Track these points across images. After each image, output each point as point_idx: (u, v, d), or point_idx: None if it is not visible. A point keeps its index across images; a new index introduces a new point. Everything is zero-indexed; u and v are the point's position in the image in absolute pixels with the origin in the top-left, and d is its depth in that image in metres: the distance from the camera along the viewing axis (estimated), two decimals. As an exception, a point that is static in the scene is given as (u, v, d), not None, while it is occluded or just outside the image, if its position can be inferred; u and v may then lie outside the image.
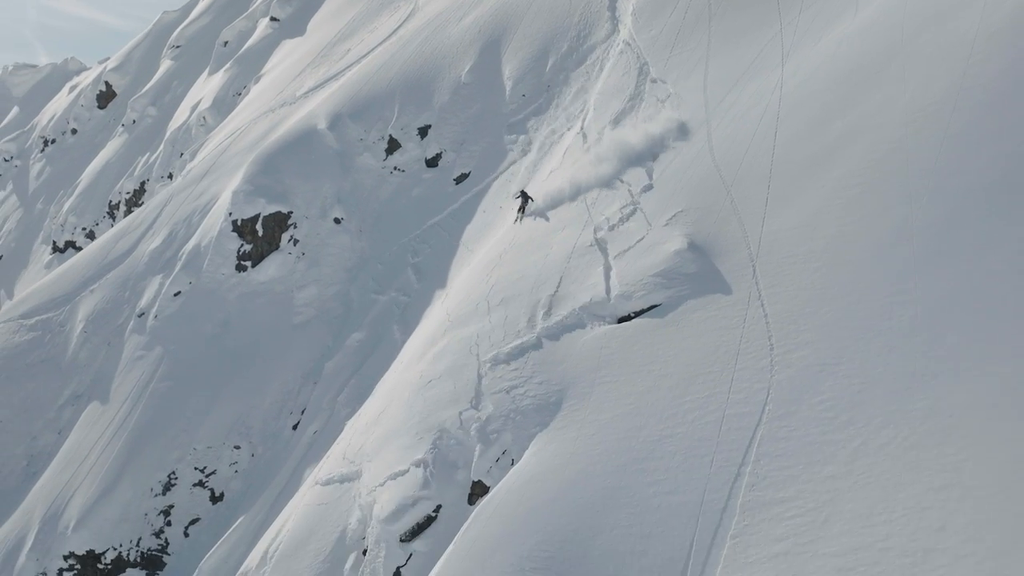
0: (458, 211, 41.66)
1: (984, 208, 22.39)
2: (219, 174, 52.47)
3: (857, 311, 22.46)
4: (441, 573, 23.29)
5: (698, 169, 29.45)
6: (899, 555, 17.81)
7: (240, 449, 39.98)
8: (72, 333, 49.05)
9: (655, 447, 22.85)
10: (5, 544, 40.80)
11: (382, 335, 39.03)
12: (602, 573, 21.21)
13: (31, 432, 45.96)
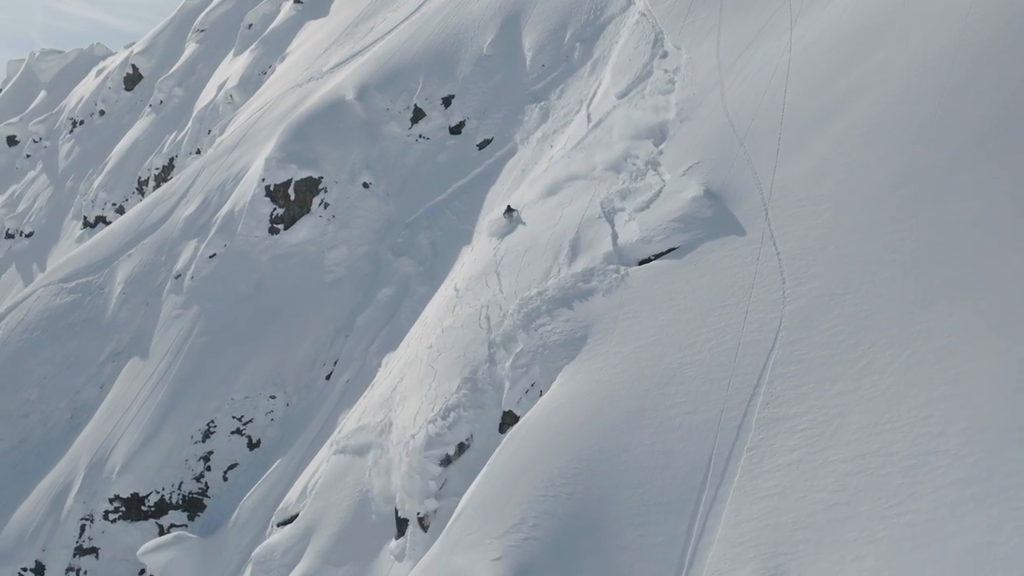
0: (482, 174, 42.95)
1: (981, 151, 23.56)
2: (250, 145, 53.69)
3: (863, 246, 23.65)
4: (476, 493, 24.47)
5: (712, 126, 30.62)
6: (902, 458, 18.99)
7: (275, 399, 41.24)
8: (111, 295, 50.31)
9: (675, 373, 24.05)
10: (52, 489, 42.13)
11: (410, 290, 40.29)
12: (627, 485, 22.39)
13: (74, 387, 47.27)
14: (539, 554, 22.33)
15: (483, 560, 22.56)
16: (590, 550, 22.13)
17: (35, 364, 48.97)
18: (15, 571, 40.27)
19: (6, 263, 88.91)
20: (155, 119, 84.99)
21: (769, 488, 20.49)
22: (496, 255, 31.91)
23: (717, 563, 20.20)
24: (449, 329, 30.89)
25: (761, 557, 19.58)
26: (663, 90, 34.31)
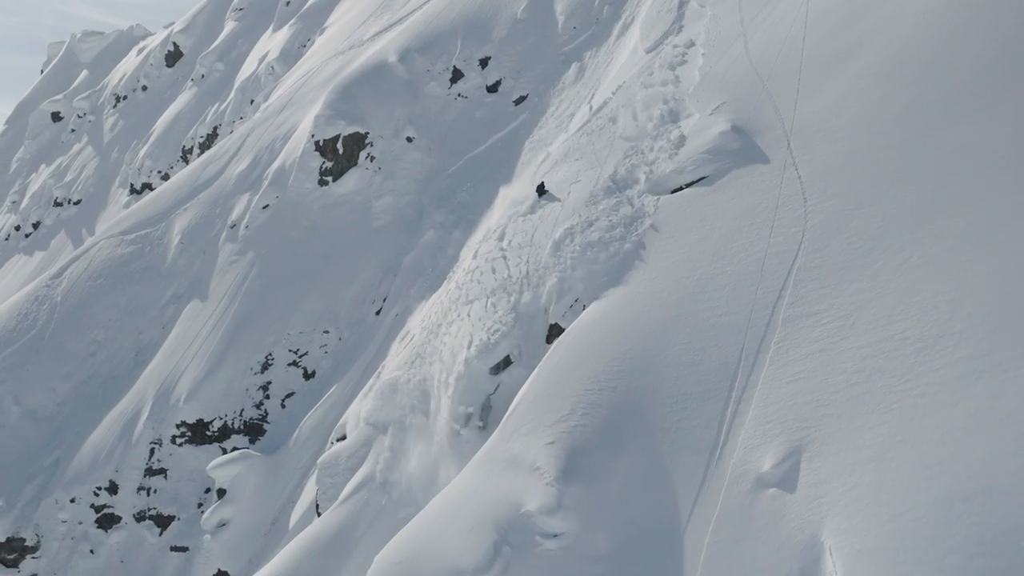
0: (519, 127, 44.69)
1: (979, 87, 25.33)
2: (296, 107, 55.44)
3: (875, 169, 25.44)
4: (528, 391, 26.33)
5: (736, 71, 32.34)
6: (914, 342, 20.85)
7: (329, 333, 43.07)
8: (170, 245, 52.13)
9: (708, 283, 25.89)
10: (122, 417, 44.06)
11: (452, 233, 42.11)
12: (666, 379, 24.26)
13: (138, 328, 49.13)
14: (588, 438, 24.22)
15: (538, 445, 24.43)
16: (634, 433, 23.99)
17: (100, 309, 50.85)
18: (91, 489, 42.24)
19: (55, 229, 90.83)
20: (197, 92, 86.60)
21: (794, 374, 22.34)
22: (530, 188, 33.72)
23: (749, 439, 22.05)
24: (495, 260, 32.72)
25: (788, 432, 21.45)
26: (689, 43, 35.97)
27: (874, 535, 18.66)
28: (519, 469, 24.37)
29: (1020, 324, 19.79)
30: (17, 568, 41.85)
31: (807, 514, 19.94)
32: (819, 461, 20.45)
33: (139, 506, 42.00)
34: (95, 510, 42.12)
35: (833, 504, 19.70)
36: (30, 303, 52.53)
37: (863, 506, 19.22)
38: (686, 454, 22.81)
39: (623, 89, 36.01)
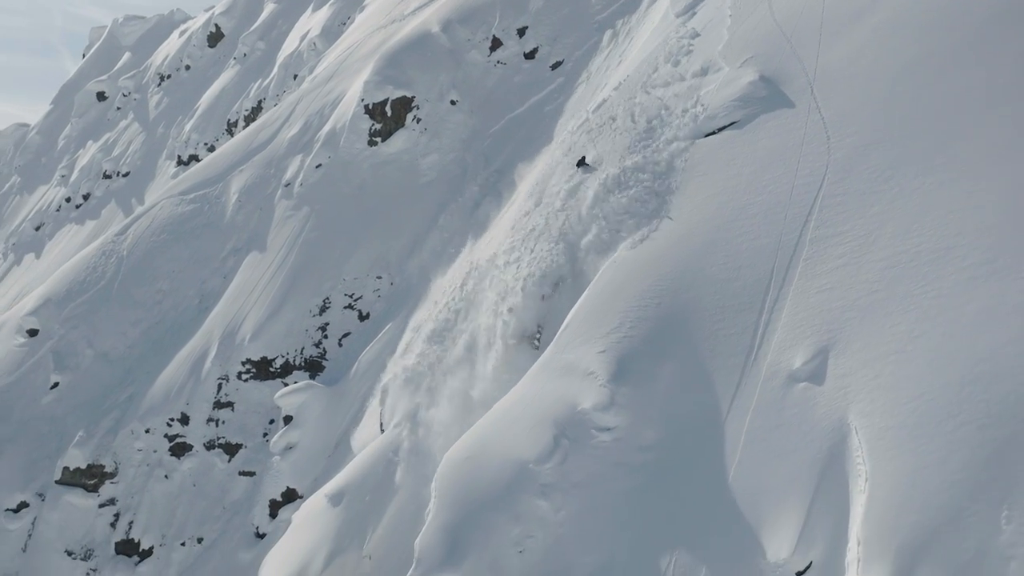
0: (556, 89, 46.65)
1: (984, 35, 27.31)
2: (343, 76, 57.35)
3: (891, 109, 27.34)
4: (579, 310, 28.32)
5: (762, 30, 34.14)
6: (928, 253, 22.86)
7: (381, 279, 45.04)
8: (228, 203, 54.11)
9: (741, 211, 27.84)
10: (191, 356, 46.17)
11: (496, 184, 44.11)
12: (706, 294, 26.24)
13: (200, 278, 51.16)
14: (636, 347, 26.26)
15: (591, 354, 26.49)
16: (677, 342, 26.01)
17: (163, 261, 52.91)
18: (164, 421, 44.38)
19: (105, 200, 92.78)
20: (240, 70, 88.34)
21: (821, 285, 24.35)
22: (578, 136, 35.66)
23: (781, 342, 24.08)
24: (545, 201, 34.75)
25: (816, 334, 23.48)
26: (718, 5, 37.82)
27: (895, 415, 20.68)
28: (574, 375, 26.39)
29: (1018, 236, 21.81)
30: (97, 492, 44.06)
31: (834, 402, 21.96)
32: (845, 357, 22.46)
33: (209, 436, 44.09)
34: (168, 439, 44.22)
35: (857, 392, 21.71)
36: (98, 257, 54.65)
37: (884, 392, 21.25)
38: (724, 357, 24.80)
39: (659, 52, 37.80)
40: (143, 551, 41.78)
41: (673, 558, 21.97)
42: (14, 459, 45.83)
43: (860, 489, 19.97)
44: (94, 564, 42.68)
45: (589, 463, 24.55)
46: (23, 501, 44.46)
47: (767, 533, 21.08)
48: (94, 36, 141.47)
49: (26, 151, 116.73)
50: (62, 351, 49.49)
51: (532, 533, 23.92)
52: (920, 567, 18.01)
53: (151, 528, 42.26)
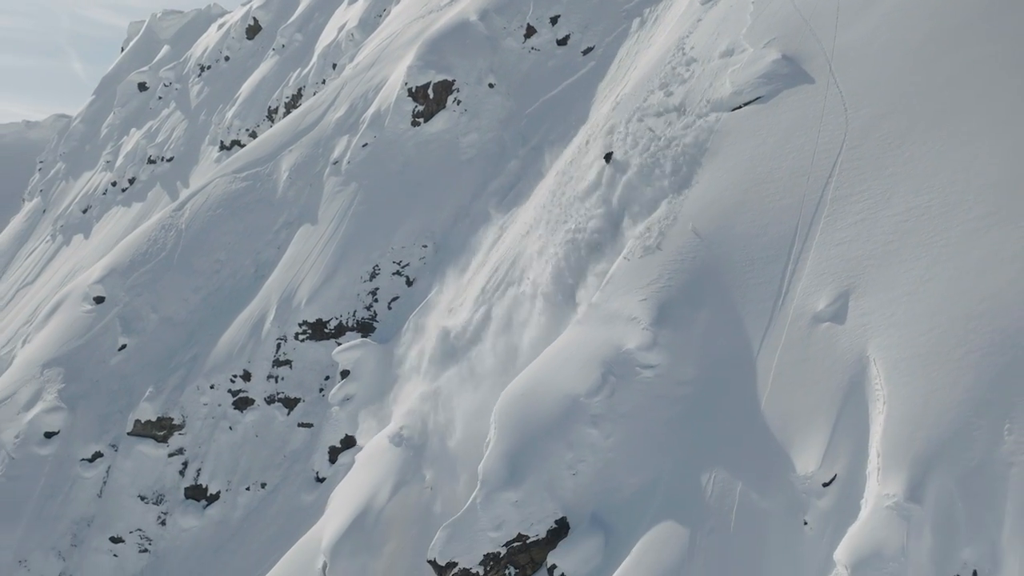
0: (587, 73, 48.58)
1: (987, 14, 29.18)
2: (385, 63, 59.20)
3: (904, 82, 29.13)
4: (621, 264, 30.33)
5: (782, 14, 35.74)
6: (937, 208, 24.81)
7: (427, 247, 46.93)
8: (279, 180, 56.02)
9: (767, 176, 29.71)
10: (251, 319, 48.18)
11: (534, 160, 46.05)
12: (736, 248, 28.10)
13: (255, 249, 53.09)
14: (674, 295, 28.29)
15: (633, 302, 28.53)
16: (711, 291, 28.02)
17: (220, 234, 54.89)
18: (227, 377, 46.46)
19: (150, 183, 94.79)
20: (279, 60, 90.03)
21: (841, 238, 26.33)
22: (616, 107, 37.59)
23: (805, 288, 26.07)
24: (580, 178, 36.78)
25: (838, 280, 25.47)
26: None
27: (909, 347, 22.73)
28: (618, 321, 28.45)
29: (1017, 194, 23.81)
30: (166, 443, 46.22)
31: (855, 338, 23.99)
32: (864, 299, 24.48)
33: (269, 391, 46.15)
34: (232, 394, 46.28)
35: (875, 329, 23.74)
36: (158, 231, 56.71)
37: (899, 328, 23.29)
38: (754, 303, 26.82)
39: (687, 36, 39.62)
40: (210, 495, 43.86)
41: (712, 475, 23.99)
42: (87, 414, 48.00)
43: (879, 411, 21.96)
44: (165, 508, 44.83)
45: (634, 396, 26.61)
46: (97, 451, 46.61)
47: (796, 451, 23.08)
48: (132, 30, 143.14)
49: (70, 139, 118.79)
50: (128, 316, 51.57)
51: (584, 458, 25.95)
52: (932, 474, 20.04)
53: (217, 475, 44.37)
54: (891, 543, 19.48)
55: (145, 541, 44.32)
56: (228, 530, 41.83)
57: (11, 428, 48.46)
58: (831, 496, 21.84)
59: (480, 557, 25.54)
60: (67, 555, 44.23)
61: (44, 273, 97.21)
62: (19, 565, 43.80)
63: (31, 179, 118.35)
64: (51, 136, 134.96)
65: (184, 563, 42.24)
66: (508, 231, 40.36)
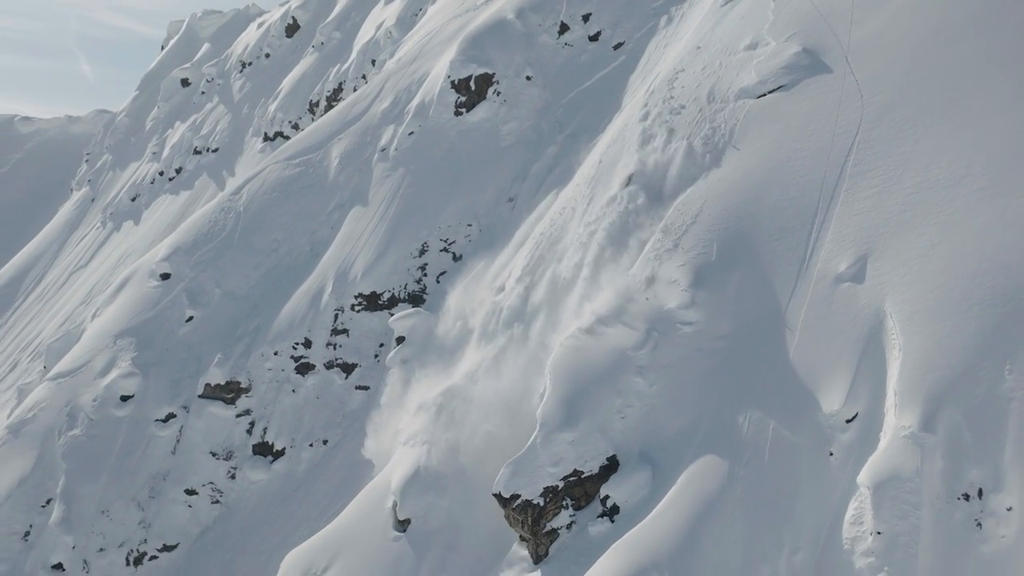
0: (619, 66, 50.68)
1: (990, 9, 31.43)
2: (426, 58, 61.28)
3: (913, 70, 31.14)
4: (656, 243, 32.54)
5: (801, 11, 37.50)
6: (945, 181, 26.90)
7: (471, 226, 49.07)
8: (330, 166, 58.09)
9: (790, 156, 31.76)
10: (310, 292, 50.37)
11: (571, 145, 48.20)
12: (764, 219, 30.10)
13: (310, 229, 55.21)
14: (709, 261, 30.40)
15: (672, 267, 30.68)
16: (742, 257, 30.10)
17: (276, 215, 57.00)
18: (289, 345, 48.70)
19: (197, 173, 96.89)
20: (319, 56, 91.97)
21: (859, 209, 28.44)
22: (649, 96, 39.75)
23: (827, 253, 28.16)
24: (618, 156, 38.95)
25: (856, 245, 27.58)
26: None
27: (921, 301, 24.92)
28: (659, 284, 30.68)
29: (1015, 169, 26.02)
30: (234, 404, 48.56)
31: (873, 295, 26.17)
32: (880, 262, 26.63)
33: (328, 357, 48.41)
34: (294, 360, 48.55)
35: (891, 287, 25.92)
36: (217, 212, 58.96)
37: (912, 286, 25.48)
38: (782, 266, 28.97)
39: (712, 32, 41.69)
40: (276, 451, 46.20)
41: (747, 416, 26.20)
42: (159, 379, 50.34)
43: (895, 357, 24.18)
44: (234, 463, 47.20)
45: (675, 349, 28.85)
46: (170, 412, 48.93)
47: (822, 393, 25.30)
48: (172, 30, 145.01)
49: (116, 132, 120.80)
50: (193, 291, 53.85)
51: (631, 403, 28.21)
52: (942, 408, 22.31)
53: (282, 433, 46.70)
54: (907, 467, 21.70)
55: (216, 493, 46.65)
56: (293, 482, 44.11)
57: (88, 393, 50.73)
58: (853, 430, 24.00)
59: (540, 490, 27.68)
60: (145, 506, 46.55)
61: (96, 257, 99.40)
62: (102, 515, 46.15)
63: (78, 170, 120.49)
64: (92, 130, 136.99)
65: (253, 513, 44.53)
66: (550, 208, 42.46)
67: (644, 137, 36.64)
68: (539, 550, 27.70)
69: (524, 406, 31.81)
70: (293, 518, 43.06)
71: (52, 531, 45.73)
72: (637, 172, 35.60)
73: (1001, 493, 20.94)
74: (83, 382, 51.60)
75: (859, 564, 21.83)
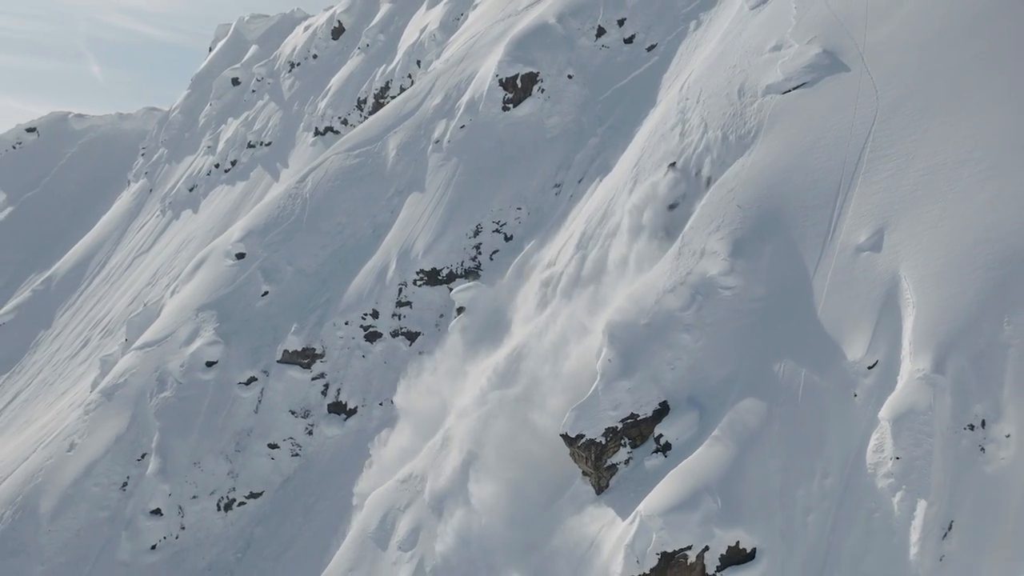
0: (652, 66, 53.29)
1: (989, 13, 33.94)
2: (473, 59, 63.85)
3: (922, 69, 33.41)
4: (701, 212, 35.09)
5: (821, 17, 39.59)
6: (951, 164, 29.35)
7: (520, 209, 51.72)
8: (388, 157, 60.81)
9: (814, 143, 34.19)
10: (375, 268, 53.19)
11: (612, 137, 50.85)
12: (791, 199, 32.51)
13: (371, 213, 57.95)
14: (745, 235, 32.88)
15: (713, 239, 33.20)
16: (774, 231, 32.62)
17: (339, 201, 59.75)
18: (359, 316, 51.54)
19: (251, 165, 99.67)
20: (365, 57, 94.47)
21: (876, 189, 30.97)
22: (684, 92, 42.43)
23: (849, 226, 30.62)
24: (658, 145, 41.66)
25: (874, 220, 30.09)
26: (784, 1, 44.19)
27: (931, 266, 27.54)
28: (702, 255, 33.44)
29: (1011, 154, 28.48)
30: (310, 368, 51.58)
31: (889, 262, 28.75)
32: (896, 233, 29.19)
33: (393, 326, 51.22)
34: (363, 329, 51.42)
35: (905, 254, 28.49)
36: (285, 199, 61.90)
37: (923, 253, 28.05)
38: (809, 239, 31.49)
39: (739, 35, 44.31)
40: (349, 410, 49.17)
41: (781, 365, 28.90)
42: (240, 347, 53.38)
43: (909, 313, 26.84)
44: (311, 421, 50.22)
45: (717, 310, 31.53)
46: (252, 376, 51.93)
47: (846, 344, 27.94)
48: (220, 32, 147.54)
49: (170, 128, 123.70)
50: (267, 268, 56.82)
51: (680, 356, 30.96)
52: (951, 354, 25.03)
53: (354, 393, 49.68)
54: (922, 403, 24.50)
55: (296, 447, 49.71)
56: (366, 436, 47.08)
57: (175, 359, 53.83)
58: (874, 375, 26.65)
59: (602, 430, 30.50)
60: (232, 458, 49.64)
61: (158, 242, 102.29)
62: (194, 467, 49.26)
63: (135, 163, 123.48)
64: (142, 126, 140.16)
65: (330, 464, 47.54)
66: (596, 192, 45.17)
67: (683, 129, 39.21)
68: (601, 482, 30.41)
69: (580, 361, 34.60)
70: (367, 468, 45.91)
71: (150, 481, 48.76)
72: (677, 159, 38.20)
73: (1000, 423, 23.59)
74: (169, 350, 54.63)
75: (881, 485, 24.56)
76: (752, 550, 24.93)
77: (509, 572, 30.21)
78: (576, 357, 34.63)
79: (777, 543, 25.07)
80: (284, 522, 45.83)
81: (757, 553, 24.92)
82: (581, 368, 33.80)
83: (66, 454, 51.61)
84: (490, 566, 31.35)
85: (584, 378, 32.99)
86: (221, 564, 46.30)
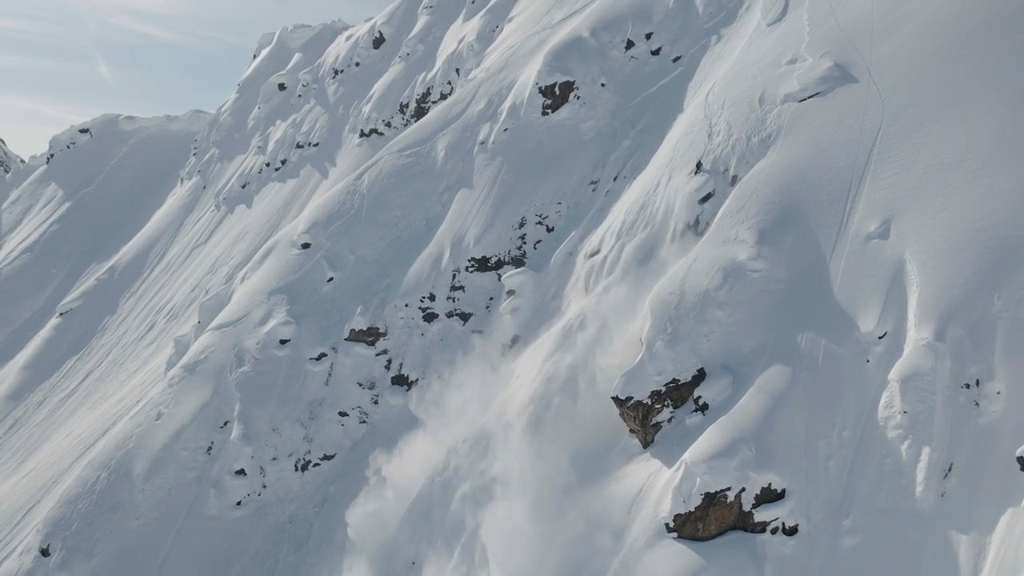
0: (677, 76, 55.88)
1: (982, 31, 36.60)
2: (512, 68, 66.49)
3: (922, 81, 36.15)
4: (729, 206, 37.80)
5: (831, 34, 42.28)
6: (950, 163, 32.04)
7: (560, 204, 54.29)
8: (437, 156, 63.53)
9: (828, 145, 36.84)
10: (431, 256, 55.91)
11: (643, 138, 53.52)
12: (808, 195, 35.27)
13: (424, 207, 60.67)
14: (770, 225, 35.68)
15: (741, 229, 36.15)
16: (794, 222, 35.34)
17: (394, 196, 62.52)
18: (417, 298, 54.29)
19: (300, 164, 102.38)
20: (405, 66, 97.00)
21: (884, 185, 33.72)
22: (709, 99, 45.24)
23: (860, 218, 33.40)
24: (689, 146, 44.50)
25: (882, 212, 32.92)
26: (797, 17, 46.93)
27: (932, 251, 30.32)
28: (731, 243, 36.31)
29: (1004, 154, 31.11)
30: (374, 345, 54.48)
31: (896, 247, 31.53)
32: (902, 223, 31.96)
33: (448, 308, 54.02)
34: (421, 310, 54.25)
35: (910, 240, 31.28)
36: (344, 195, 64.79)
37: (926, 240, 30.86)
38: (825, 228, 34.24)
39: (757, 48, 47.09)
40: (410, 382, 52.12)
41: (803, 336, 31.67)
42: (310, 326, 56.40)
43: (914, 291, 29.63)
44: (377, 392, 53.21)
45: (746, 290, 34.29)
46: (322, 352, 54.88)
47: (859, 318, 30.70)
48: (263, 41, 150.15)
49: (220, 129, 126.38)
50: (331, 257, 59.76)
51: (714, 330, 33.78)
52: (950, 325, 27.85)
53: (414, 368, 52.61)
54: (925, 366, 27.43)
55: (363, 415, 52.74)
56: (426, 405, 50.04)
57: (251, 338, 56.86)
58: (884, 344, 29.50)
59: (648, 393, 33.39)
60: (307, 425, 52.71)
61: (214, 235, 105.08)
62: (273, 432, 52.35)
63: (187, 161, 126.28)
64: (189, 127, 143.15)
65: (394, 430, 50.39)
66: (632, 188, 47.94)
67: (710, 132, 42.00)
68: (647, 438, 33.37)
69: (626, 335, 37.52)
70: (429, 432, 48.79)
71: (234, 444, 51.87)
72: (705, 160, 41.03)
73: (992, 382, 26.54)
74: (245, 330, 57.65)
75: (891, 435, 27.52)
76: (782, 490, 27.80)
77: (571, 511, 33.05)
78: (622, 331, 37.37)
79: (803, 485, 27.96)
80: (355, 480, 48.76)
81: (786, 493, 27.81)
82: (628, 340, 36.54)
83: (154, 422, 54.55)
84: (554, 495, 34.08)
85: (631, 349, 35.74)
86: (301, 517, 49.32)
